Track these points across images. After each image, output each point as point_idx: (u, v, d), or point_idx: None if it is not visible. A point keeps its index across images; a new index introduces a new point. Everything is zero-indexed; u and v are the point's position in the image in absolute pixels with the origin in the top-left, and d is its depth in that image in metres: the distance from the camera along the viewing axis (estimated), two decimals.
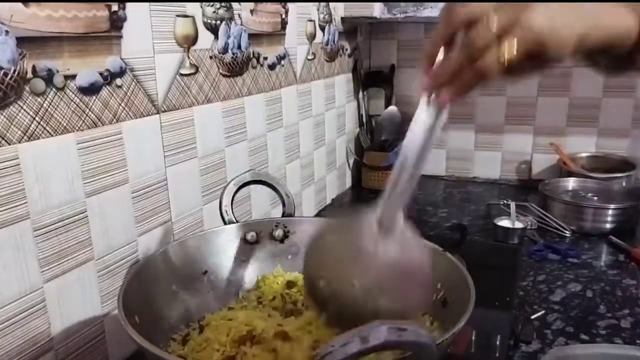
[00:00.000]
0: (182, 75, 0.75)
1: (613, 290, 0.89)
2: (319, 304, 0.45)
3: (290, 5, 1.02)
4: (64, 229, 0.58)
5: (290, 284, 0.65)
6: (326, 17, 1.20)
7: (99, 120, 0.61)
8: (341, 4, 1.27)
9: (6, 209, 0.52)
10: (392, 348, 0.33)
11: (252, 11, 0.89)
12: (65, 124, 0.57)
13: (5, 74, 0.50)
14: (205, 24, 0.78)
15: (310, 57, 1.14)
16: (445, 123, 0.43)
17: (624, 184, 1.26)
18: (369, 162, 1.43)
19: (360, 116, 1.48)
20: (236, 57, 0.86)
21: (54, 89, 0.55)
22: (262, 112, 0.97)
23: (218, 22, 0.81)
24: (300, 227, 0.70)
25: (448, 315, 0.52)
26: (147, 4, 0.67)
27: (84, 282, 0.62)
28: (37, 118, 0.54)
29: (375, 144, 1.44)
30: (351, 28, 1.37)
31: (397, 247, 0.45)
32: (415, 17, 1.24)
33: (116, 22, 0.62)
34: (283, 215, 0.71)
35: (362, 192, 1.44)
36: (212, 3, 0.79)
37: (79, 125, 0.59)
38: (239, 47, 0.87)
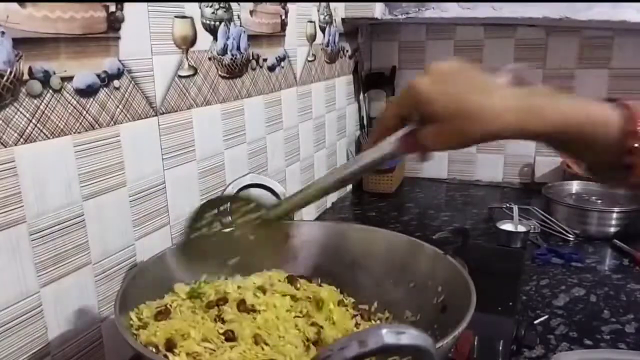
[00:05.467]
0: (180, 77, 0.74)
1: (617, 294, 0.88)
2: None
3: (290, 6, 1.01)
4: (61, 232, 0.58)
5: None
6: (326, 18, 1.20)
7: (97, 122, 0.61)
8: (342, 5, 1.26)
9: (2, 213, 0.51)
10: (390, 352, 0.32)
11: (251, 12, 0.89)
12: (62, 127, 0.56)
13: (1, 76, 0.49)
14: (204, 25, 0.77)
15: (310, 58, 1.14)
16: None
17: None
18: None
19: (361, 118, 1.47)
20: (235, 58, 0.86)
21: (50, 91, 0.55)
22: (261, 115, 0.97)
23: (217, 23, 0.80)
24: (299, 230, 0.69)
25: (448, 320, 0.51)
26: (145, 4, 0.66)
27: (81, 286, 0.61)
28: (33, 120, 0.53)
29: None
30: (352, 29, 1.36)
31: None
32: (417, 18, 1.24)
33: (114, 23, 0.61)
34: None
35: (363, 196, 1.43)
36: (211, 4, 0.78)
37: (76, 128, 0.58)
38: (238, 48, 0.86)
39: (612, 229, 1.10)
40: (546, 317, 0.81)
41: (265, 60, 0.95)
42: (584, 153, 0.42)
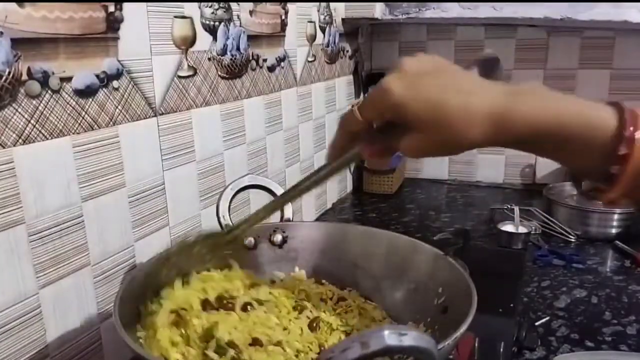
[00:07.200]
0: (180, 77, 0.74)
1: (619, 296, 0.88)
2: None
3: (290, 6, 1.01)
4: (60, 234, 0.57)
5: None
6: (327, 18, 1.19)
7: (96, 123, 0.61)
8: (342, 5, 1.26)
9: (1, 214, 0.51)
10: (393, 353, 0.32)
11: (251, 12, 0.89)
12: (61, 127, 0.56)
13: (0, 76, 0.49)
14: (203, 25, 0.77)
15: (310, 58, 1.13)
16: None
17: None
18: (370, 166, 1.42)
19: None
20: (235, 58, 0.86)
21: (49, 92, 0.54)
22: (261, 115, 0.97)
23: (217, 23, 0.80)
24: (299, 232, 0.69)
25: (449, 321, 0.51)
26: (145, 4, 0.66)
27: (79, 288, 0.61)
28: (32, 121, 0.53)
29: None
30: (352, 29, 1.36)
31: None
32: (417, 18, 1.23)
33: (113, 24, 0.61)
34: (282, 220, 0.70)
35: (363, 197, 1.43)
36: (210, 4, 0.78)
37: (75, 129, 0.58)
38: (238, 48, 0.86)
39: (614, 230, 1.10)
40: (547, 318, 0.80)
41: (265, 60, 0.95)
42: (571, 158, 0.38)
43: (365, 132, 0.43)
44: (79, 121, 0.58)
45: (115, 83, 0.62)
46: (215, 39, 0.80)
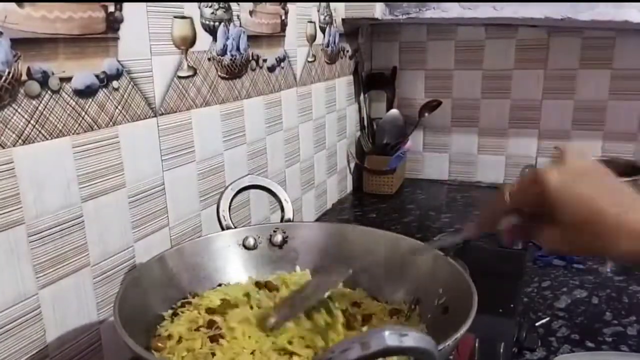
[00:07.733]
0: (179, 77, 0.74)
1: (619, 296, 0.88)
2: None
3: (290, 6, 1.01)
4: (60, 234, 0.57)
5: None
6: (327, 18, 1.19)
7: (95, 123, 0.61)
8: (342, 5, 1.26)
9: (0, 214, 0.51)
10: (393, 354, 0.32)
11: (251, 12, 0.89)
12: (60, 128, 0.56)
13: (0, 76, 0.49)
14: (203, 25, 0.77)
15: (310, 59, 1.13)
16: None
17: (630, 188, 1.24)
18: (370, 166, 1.42)
19: (361, 119, 1.47)
20: (235, 59, 0.86)
21: (49, 92, 0.54)
22: (261, 115, 0.96)
23: (216, 23, 0.80)
24: (299, 232, 0.69)
25: (450, 322, 0.51)
26: (144, 4, 0.66)
27: (79, 288, 0.61)
28: (32, 121, 0.53)
29: (377, 147, 1.43)
30: (352, 29, 1.36)
31: None
32: (418, 18, 1.23)
33: (112, 24, 0.61)
34: (282, 221, 0.70)
35: (363, 197, 1.43)
36: (210, 4, 0.78)
37: (74, 129, 0.58)
38: (238, 49, 0.86)
39: None
40: (548, 319, 0.80)
41: (265, 60, 0.95)
42: None
43: (510, 214, 0.45)
44: (78, 121, 0.58)
45: (115, 83, 0.62)
46: (215, 39, 0.80)
